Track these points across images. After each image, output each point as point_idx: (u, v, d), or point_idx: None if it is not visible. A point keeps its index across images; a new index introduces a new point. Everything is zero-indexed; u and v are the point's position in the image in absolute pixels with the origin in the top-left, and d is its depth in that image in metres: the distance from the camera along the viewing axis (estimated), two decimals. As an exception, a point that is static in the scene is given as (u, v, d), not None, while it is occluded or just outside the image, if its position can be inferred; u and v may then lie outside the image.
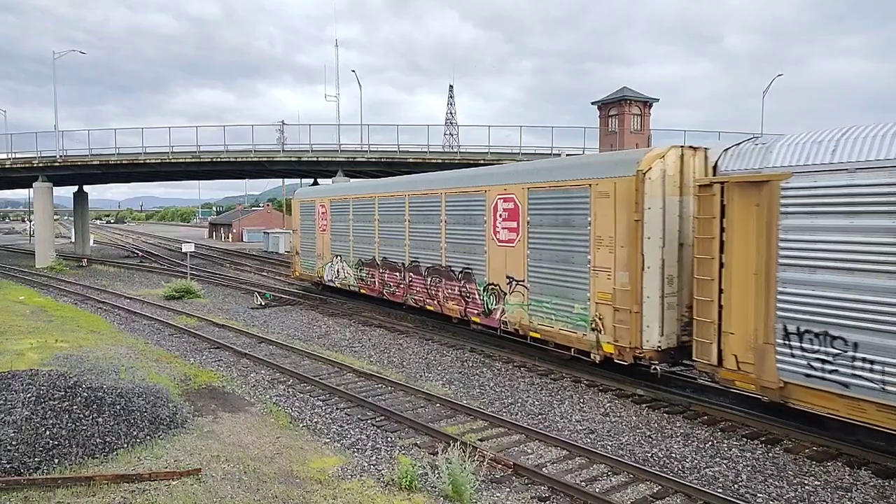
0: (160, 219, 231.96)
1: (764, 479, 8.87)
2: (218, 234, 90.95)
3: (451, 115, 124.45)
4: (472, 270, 16.97)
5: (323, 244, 25.76)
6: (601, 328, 12.85)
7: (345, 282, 24.04)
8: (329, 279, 25.34)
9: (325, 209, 25.52)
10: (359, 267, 22.85)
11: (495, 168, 18.62)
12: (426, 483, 8.43)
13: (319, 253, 26.07)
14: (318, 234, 26.09)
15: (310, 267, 27.19)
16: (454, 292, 17.73)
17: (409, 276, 19.80)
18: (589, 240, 13.08)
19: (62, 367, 12.81)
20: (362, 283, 22.72)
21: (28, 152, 43.09)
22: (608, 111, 48.02)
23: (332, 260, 24.98)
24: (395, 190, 21.04)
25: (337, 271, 24.60)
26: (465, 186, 17.38)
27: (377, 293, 21.81)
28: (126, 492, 7.65)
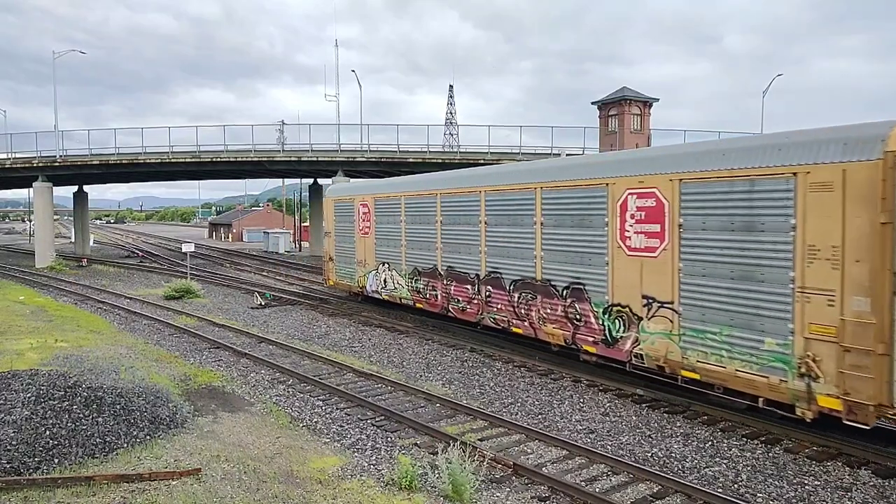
0: (160, 219, 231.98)
1: (764, 478, 8.87)
2: (218, 234, 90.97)
3: (451, 115, 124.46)
4: (583, 286, 13.47)
5: (365, 249, 22.50)
6: (816, 374, 9.41)
7: (394, 293, 20.80)
8: (373, 289, 22.09)
9: (367, 209, 22.23)
10: (414, 277, 19.66)
11: (624, 154, 14.97)
12: (426, 483, 8.43)
13: (360, 259, 22.86)
14: (359, 238, 22.90)
15: (348, 275, 24.01)
16: (555, 313, 14.26)
17: (486, 290, 16.47)
18: (791, 250, 9.67)
19: (62, 367, 12.82)
20: (419, 297, 19.49)
21: (28, 152, 43.14)
22: (608, 111, 48.00)
23: (376, 268, 21.74)
24: (463, 185, 17.57)
25: (384, 281, 21.38)
26: (573, 180, 13.80)
27: (439, 309, 18.52)
28: (126, 492, 7.65)
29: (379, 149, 41.94)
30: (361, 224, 22.81)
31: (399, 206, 20.41)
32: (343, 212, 24.20)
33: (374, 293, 22.25)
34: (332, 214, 25.09)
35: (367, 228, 22.41)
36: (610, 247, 12.85)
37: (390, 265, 21.02)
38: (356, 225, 23.18)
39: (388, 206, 21.16)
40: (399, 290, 20.63)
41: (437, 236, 18.59)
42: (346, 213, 23.94)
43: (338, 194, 25.18)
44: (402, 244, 20.28)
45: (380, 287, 21.77)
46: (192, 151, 41.88)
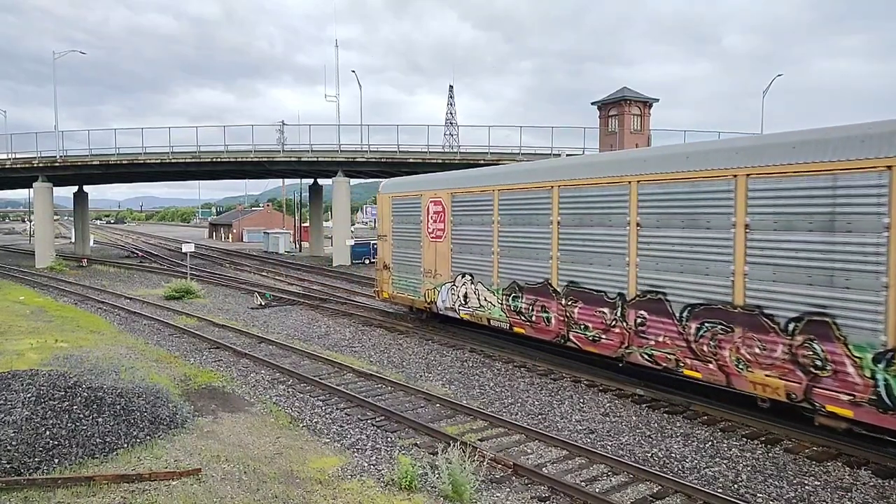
0: (160, 219, 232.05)
1: (764, 479, 8.87)
2: (218, 234, 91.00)
3: (451, 116, 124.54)
4: (831, 318, 9.36)
5: (437, 257, 18.60)
6: None
7: (480, 313, 16.75)
8: (447, 306, 18.20)
9: (441, 207, 18.36)
10: (511, 294, 15.55)
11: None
12: (426, 483, 8.43)
13: (429, 269, 19.01)
14: (427, 243, 19.03)
15: (410, 288, 20.06)
16: (771, 354, 10.15)
17: (638, 315, 12.28)
18: None
19: (62, 367, 12.83)
20: (519, 319, 15.37)
21: (28, 152, 43.17)
22: (608, 111, 48.02)
23: (453, 280, 17.82)
24: (600, 174, 13.27)
25: (463, 296, 17.43)
26: (808, 162, 9.62)
27: (553, 336, 14.36)
28: (126, 492, 7.65)
29: (379, 149, 41.99)
30: (431, 226, 18.86)
31: (490, 204, 16.28)
32: (405, 211, 20.26)
33: (448, 311, 18.17)
34: (389, 214, 21.02)
35: (439, 231, 18.43)
36: (894, 262, 8.65)
37: (474, 277, 16.93)
38: (423, 227, 19.18)
39: (474, 204, 17.03)
40: (487, 310, 16.41)
41: (553, 242, 14.29)
42: (409, 213, 20.04)
43: (398, 189, 20.99)
44: (494, 251, 16.08)
45: (457, 304, 17.69)
46: (193, 152, 41.92)
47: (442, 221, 18.38)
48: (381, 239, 21.76)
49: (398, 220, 20.67)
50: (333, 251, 43.33)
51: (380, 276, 21.85)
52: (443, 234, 18.37)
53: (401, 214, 20.50)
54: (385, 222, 21.38)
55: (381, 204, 21.86)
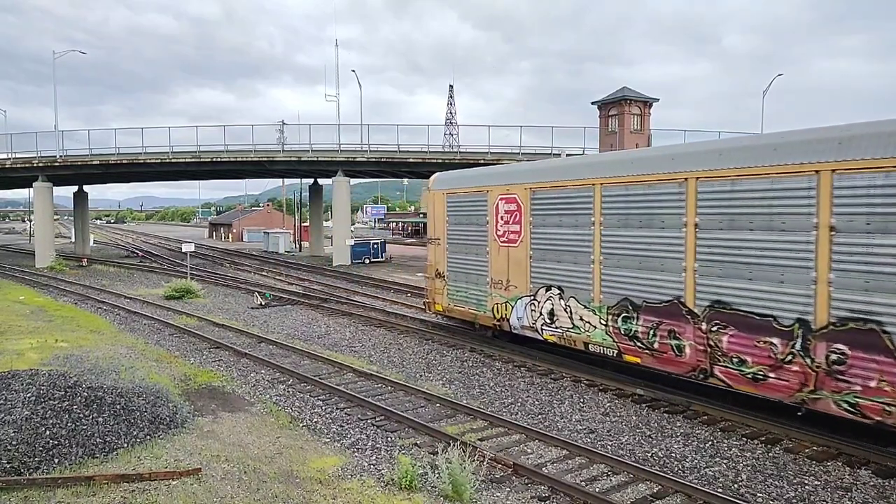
0: (160, 219, 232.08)
1: (764, 478, 8.87)
2: (218, 233, 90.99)
3: (452, 115, 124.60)
4: None
5: (510, 264, 15.72)
6: None
7: (573, 335, 13.93)
8: (524, 324, 15.32)
9: (516, 205, 15.41)
10: (622, 313, 12.72)
11: None
12: (426, 483, 8.43)
13: (498, 279, 16.13)
14: (496, 248, 16.11)
15: (471, 300, 17.26)
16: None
17: (827, 349, 9.48)
18: None
19: (62, 367, 12.83)
20: (633, 345, 12.52)
21: (28, 152, 43.18)
22: (608, 111, 48.03)
23: (533, 293, 14.94)
24: (768, 160, 10.23)
25: (548, 314, 14.58)
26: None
27: (688, 369, 11.50)
28: (126, 491, 7.65)
29: (379, 149, 41.99)
30: (502, 227, 15.88)
31: (588, 201, 13.43)
32: (465, 209, 17.46)
33: (525, 330, 15.36)
34: (443, 213, 18.18)
35: (513, 234, 15.49)
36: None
37: (564, 291, 14.09)
38: (491, 228, 16.28)
39: (564, 201, 14.13)
40: (584, 332, 13.61)
41: (687, 249, 11.28)
42: (470, 212, 17.22)
43: (455, 184, 18.06)
44: (595, 260, 13.27)
45: (539, 322, 14.84)
46: (193, 151, 41.93)
47: (517, 222, 15.36)
48: (431, 243, 18.95)
49: (455, 220, 17.81)
50: (333, 251, 43.33)
51: (431, 285, 19.00)
52: (518, 237, 15.33)
53: (459, 214, 17.67)
54: (437, 223, 18.51)
55: (431, 201, 18.93)
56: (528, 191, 15.08)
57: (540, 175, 15.04)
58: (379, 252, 45.75)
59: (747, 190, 10.44)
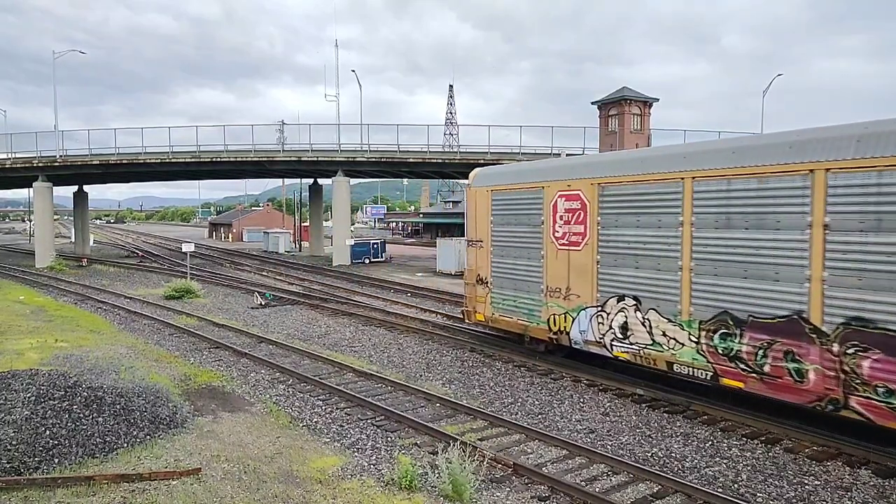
0: (160, 219, 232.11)
1: (764, 478, 8.87)
2: (218, 233, 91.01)
3: (451, 115, 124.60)
4: None
5: (570, 270, 14.00)
6: None
7: (652, 353, 12.20)
8: (588, 339, 13.60)
9: (580, 203, 13.72)
10: (720, 329, 10.92)
11: None
12: (426, 483, 8.43)
13: (555, 286, 14.43)
14: (554, 251, 14.42)
15: (521, 310, 15.48)
16: None
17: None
18: None
19: (62, 367, 12.83)
20: (735, 367, 10.72)
21: (28, 152, 43.18)
22: (608, 111, 48.03)
23: (601, 303, 13.26)
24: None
25: (620, 327, 12.83)
26: None
27: (814, 398, 9.71)
28: (126, 491, 7.66)
29: (379, 149, 41.99)
30: (561, 228, 14.19)
31: (675, 197, 11.64)
32: (514, 208, 15.66)
33: (590, 345, 13.60)
34: (487, 212, 16.40)
35: (576, 235, 13.82)
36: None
37: (642, 302, 12.37)
38: (547, 229, 14.56)
39: (642, 198, 12.35)
40: (669, 349, 11.83)
41: (812, 254, 9.61)
42: (520, 211, 15.45)
43: (502, 180, 16.23)
44: (683, 266, 11.50)
45: (608, 337, 13.10)
46: (192, 151, 41.93)
47: (580, 222, 13.69)
48: (472, 245, 17.07)
49: (502, 220, 15.98)
50: (333, 251, 43.34)
51: (471, 292, 17.12)
52: (582, 239, 13.66)
53: (507, 213, 15.83)
54: (479, 223, 16.65)
55: (472, 199, 17.05)
56: (595, 186, 13.26)
57: (611, 168, 13.20)
58: (379, 252, 45.77)
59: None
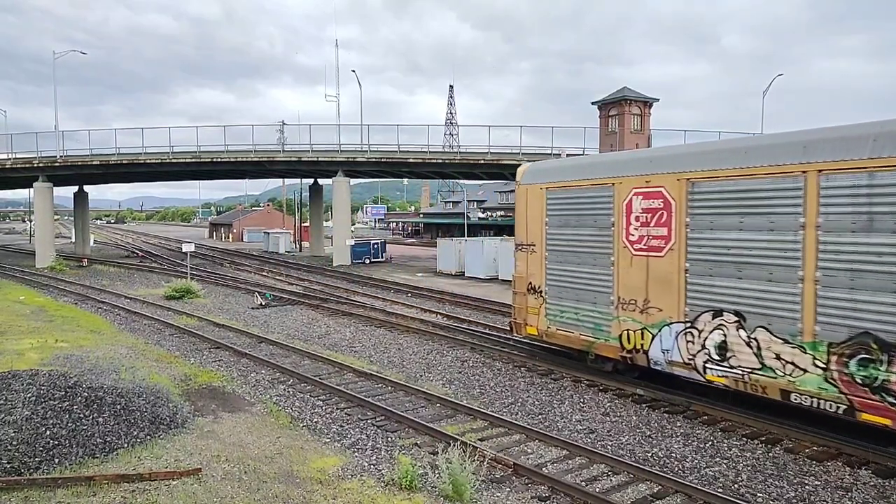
0: (160, 219, 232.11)
1: (764, 478, 8.87)
2: (218, 234, 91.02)
3: (452, 116, 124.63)
4: None
5: (649, 279, 12.27)
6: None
7: (761, 378, 10.43)
8: (672, 359, 11.78)
9: (662, 202, 11.94)
10: (860, 353, 9.24)
11: None
12: (426, 483, 8.43)
13: (629, 297, 12.70)
14: (628, 257, 12.70)
15: (584, 324, 13.74)
16: None
17: None
18: None
19: (62, 367, 12.82)
20: (881, 401, 9.04)
21: (28, 152, 43.22)
22: (608, 111, 48.05)
23: (691, 319, 11.42)
24: None
25: (716, 347, 10.99)
26: None
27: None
28: (126, 492, 7.66)
29: (379, 149, 42.00)
30: (638, 230, 12.47)
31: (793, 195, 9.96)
32: (574, 207, 13.97)
33: (675, 367, 11.82)
34: (542, 212, 14.70)
35: (658, 239, 12.05)
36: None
37: (747, 317, 10.58)
38: (618, 232, 12.88)
39: (749, 195, 10.59)
40: (784, 375, 10.11)
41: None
42: (583, 211, 13.74)
43: (560, 177, 14.47)
44: (806, 276, 9.78)
45: (700, 359, 11.30)
46: (193, 152, 41.94)
47: (663, 224, 11.94)
48: (523, 250, 15.27)
49: (560, 221, 14.26)
50: (333, 251, 43.34)
51: (521, 302, 15.31)
52: (665, 243, 11.90)
53: (566, 213, 14.13)
54: (531, 225, 14.96)
55: (522, 198, 15.32)
56: (683, 182, 11.52)
57: (704, 160, 11.36)
58: (379, 252, 45.78)
59: None
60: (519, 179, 15.54)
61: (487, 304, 24.54)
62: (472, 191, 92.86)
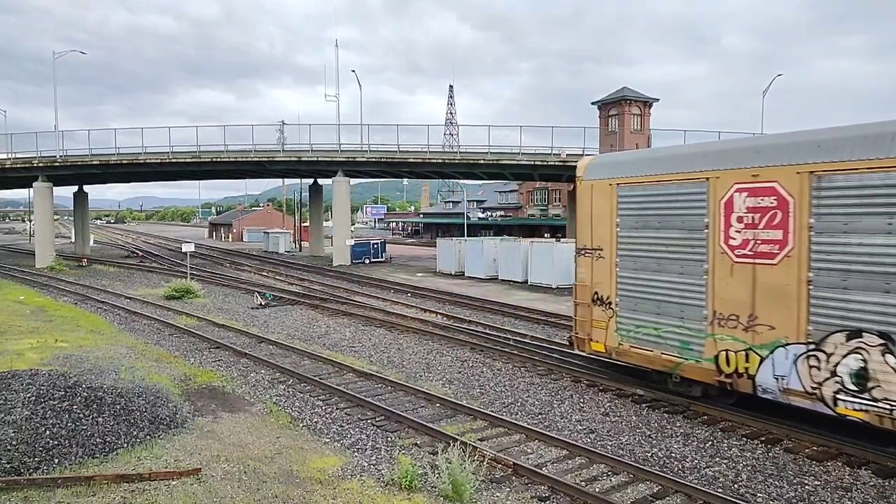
0: (160, 219, 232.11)
1: (764, 478, 8.87)
2: (218, 233, 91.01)
3: (451, 116, 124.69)
4: None
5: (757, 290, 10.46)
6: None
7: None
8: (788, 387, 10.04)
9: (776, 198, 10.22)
10: None
11: None
12: (426, 483, 8.43)
13: (726, 312, 10.90)
14: (725, 265, 10.86)
15: (668, 341, 11.90)
16: None
17: None
18: None
19: (62, 367, 12.83)
20: None
21: (28, 152, 43.21)
22: (608, 111, 48.07)
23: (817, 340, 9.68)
24: None
25: (853, 375, 9.27)
26: None
27: None
28: (126, 492, 7.66)
29: (379, 149, 42.02)
30: (741, 233, 10.62)
31: None
32: (654, 206, 12.15)
33: (794, 396, 10.01)
34: (612, 212, 12.96)
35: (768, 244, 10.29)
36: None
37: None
38: (713, 235, 11.02)
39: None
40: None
41: None
42: (666, 210, 11.93)
43: (635, 170, 12.67)
44: None
45: (829, 388, 9.53)
46: (193, 152, 41.94)
47: (777, 226, 10.16)
48: (586, 254, 13.51)
49: (635, 222, 12.50)
50: (333, 251, 43.35)
51: (584, 314, 13.57)
52: (779, 249, 10.14)
53: (643, 213, 12.35)
54: (597, 226, 13.24)
55: (585, 196, 13.57)
56: (804, 176, 9.80)
57: (837, 149, 9.53)
58: (379, 252, 45.78)
59: None
60: (581, 175, 13.72)
61: (487, 304, 24.55)
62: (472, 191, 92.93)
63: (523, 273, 31.76)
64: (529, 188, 76.85)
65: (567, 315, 21.58)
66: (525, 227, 66.88)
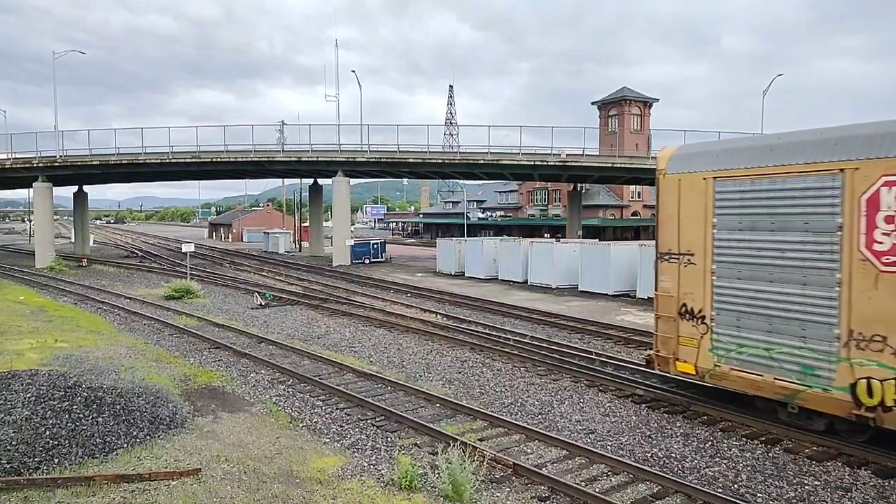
0: (160, 219, 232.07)
1: (764, 479, 8.87)
2: (218, 234, 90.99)
3: (451, 116, 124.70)
4: None
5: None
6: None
7: None
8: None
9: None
10: None
11: None
12: (426, 483, 8.43)
13: (866, 333, 9.17)
14: (868, 275, 9.12)
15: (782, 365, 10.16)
16: None
17: None
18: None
19: (62, 367, 12.82)
20: None
21: (28, 152, 43.18)
22: (608, 111, 48.10)
23: None
24: None
25: None
26: None
27: None
28: (126, 492, 7.65)
29: (379, 149, 42.02)
30: (891, 238, 8.90)
31: None
32: (765, 204, 10.36)
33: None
34: (707, 211, 11.21)
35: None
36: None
37: None
38: (849, 239, 9.31)
39: None
40: None
41: None
42: (781, 209, 10.16)
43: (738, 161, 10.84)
44: None
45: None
46: (193, 152, 41.94)
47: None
48: (671, 260, 11.83)
49: (738, 222, 10.75)
50: (333, 251, 43.34)
51: (669, 329, 11.86)
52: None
53: (749, 212, 10.59)
54: (686, 227, 11.54)
55: (670, 192, 11.82)
56: None
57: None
58: (379, 252, 45.78)
59: None
60: (663, 167, 11.88)
61: (487, 304, 24.55)
62: (472, 191, 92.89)
63: (523, 273, 31.77)
64: (529, 188, 76.90)
65: (567, 315, 21.65)
66: (525, 228, 66.93)
